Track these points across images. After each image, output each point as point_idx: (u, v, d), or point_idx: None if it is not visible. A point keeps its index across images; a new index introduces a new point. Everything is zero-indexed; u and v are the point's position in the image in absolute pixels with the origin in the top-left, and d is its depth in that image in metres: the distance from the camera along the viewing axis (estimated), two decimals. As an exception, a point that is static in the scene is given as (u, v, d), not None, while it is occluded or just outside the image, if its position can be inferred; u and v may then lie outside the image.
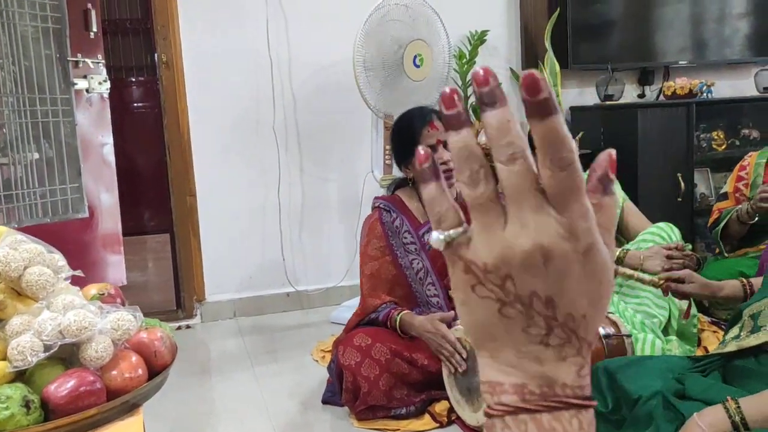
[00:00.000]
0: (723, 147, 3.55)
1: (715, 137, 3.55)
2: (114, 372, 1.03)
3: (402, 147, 2.16)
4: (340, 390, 2.07)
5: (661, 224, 2.48)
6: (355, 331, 2.07)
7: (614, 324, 1.91)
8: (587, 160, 2.76)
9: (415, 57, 2.87)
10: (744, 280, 1.76)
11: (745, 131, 3.60)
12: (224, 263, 3.27)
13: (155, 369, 1.08)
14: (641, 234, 2.48)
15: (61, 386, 0.97)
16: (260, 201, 3.28)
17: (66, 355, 1.04)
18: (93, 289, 1.23)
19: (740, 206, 2.66)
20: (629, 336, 1.91)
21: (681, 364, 1.58)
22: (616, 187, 2.71)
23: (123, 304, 1.20)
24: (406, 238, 2.15)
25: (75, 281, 1.19)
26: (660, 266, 2.29)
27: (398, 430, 1.96)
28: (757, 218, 2.57)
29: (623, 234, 2.70)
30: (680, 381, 1.46)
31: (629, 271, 1.92)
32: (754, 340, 1.41)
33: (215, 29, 3.15)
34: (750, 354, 1.43)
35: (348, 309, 3.00)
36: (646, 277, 1.85)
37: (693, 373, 1.48)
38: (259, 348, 2.87)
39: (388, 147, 2.97)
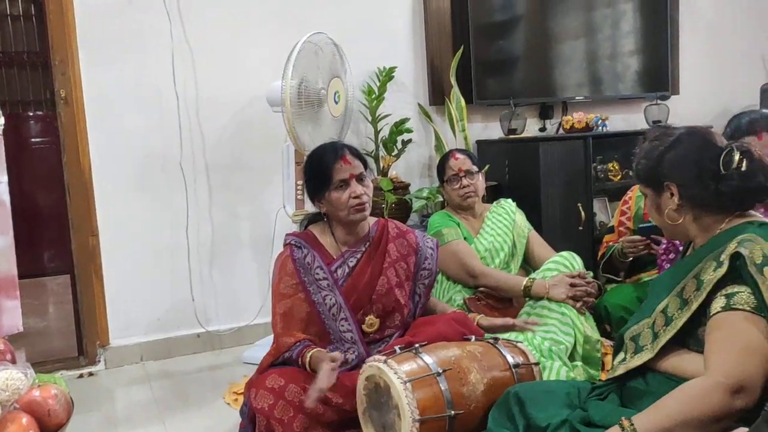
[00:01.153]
0: (618, 177, 3.76)
1: (611, 168, 3.76)
2: (1, 436, 0.96)
3: (315, 181, 2.16)
4: (254, 434, 2.00)
5: (564, 253, 2.58)
6: (268, 372, 2.02)
7: (523, 353, 1.96)
8: (494, 192, 2.86)
9: (335, 93, 2.90)
10: None
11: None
12: (130, 305, 3.14)
13: (49, 429, 1.02)
14: (545, 263, 2.57)
15: (-60, 455, 0.90)
16: (168, 239, 3.18)
17: (-54, 421, 0.97)
18: (-21, 345, 1.15)
19: (618, 244, 2.81)
20: (537, 364, 1.96)
21: (587, 387, 1.65)
22: (522, 218, 2.83)
23: (13, 360, 1.13)
24: (318, 273, 2.14)
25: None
26: (564, 294, 2.39)
27: (314, 471, 1.91)
28: (630, 258, 2.69)
29: (529, 263, 2.80)
30: (584, 408, 1.52)
31: None
32: (638, 360, 1.48)
33: (117, 64, 3.06)
34: (639, 375, 1.50)
35: (262, 348, 2.94)
36: None
37: (594, 400, 1.54)
38: (168, 393, 2.75)
39: (299, 182, 2.96)
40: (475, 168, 2.76)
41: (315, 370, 1.97)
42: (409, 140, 3.50)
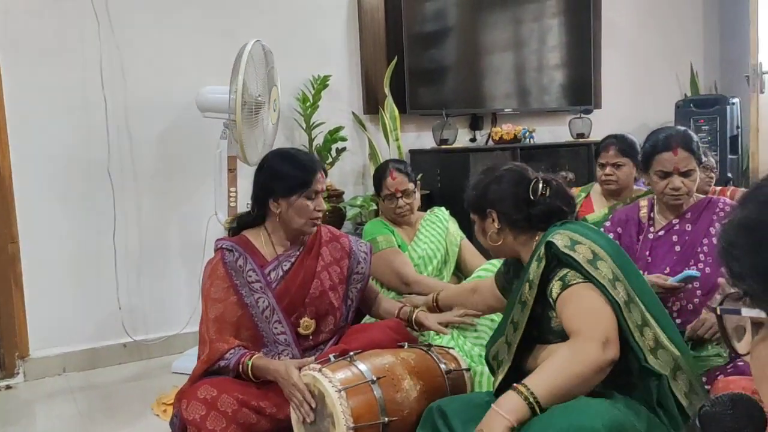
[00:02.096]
0: (545, 187, 3.89)
1: (538, 179, 3.89)
2: None
3: (287, 183, 2.12)
4: (184, 446, 1.97)
5: (495, 261, 2.66)
6: (200, 382, 1.99)
7: (455, 359, 2.01)
8: (426, 201, 2.92)
9: (274, 101, 2.90)
10: None
11: (563, 173, 3.97)
12: (52, 314, 3.02)
13: (-28, 447, 0.98)
14: (476, 271, 2.64)
15: None
16: (94, 246, 3.08)
17: None
18: None
19: None
20: (468, 370, 2.01)
21: None
22: (454, 226, 2.90)
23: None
24: (250, 276, 2.13)
25: None
26: None
27: (246, 482, 1.90)
28: None
29: (461, 271, 2.86)
30: None
31: None
32: (501, 373, 1.65)
33: (41, 65, 2.96)
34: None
35: (192, 357, 2.87)
36: None
37: None
38: (94, 406, 2.66)
39: (233, 189, 2.93)
40: (411, 186, 2.77)
41: (258, 377, 1.96)
42: (344, 148, 3.52)
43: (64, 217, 3.02)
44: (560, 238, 1.56)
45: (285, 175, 2.15)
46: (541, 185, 1.69)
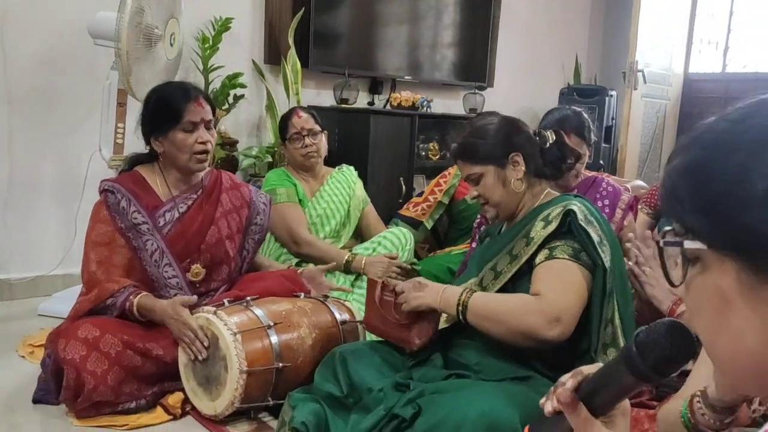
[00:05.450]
0: (437, 157, 3.98)
1: (431, 148, 3.97)
2: None
3: (159, 118, 2.03)
4: (57, 387, 1.86)
5: (403, 230, 2.70)
6: (80, 321, 1.88)
7: (349, 311, 2.05)
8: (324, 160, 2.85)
9: (171, 35, 2.71)
10: None
11: (454, 145, 4.08)
12: None
13: None
14: (382, 234, 2.68)
15: None
16: (-46, 173, 2.79)
17: None
18: None
19: None
20: (362, 322, 2.05)
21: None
22: (361, 190, 2.89)
23: None
24: (136, 218, 2.02)
25: None
26: (380, 274, 2.48)
27: (126, 425, 1.82)
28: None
29: (362, 235, 2.87)
30: (407, 371, 1.60)
31: None
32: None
33: None
34: (462, 330, 1.62)
35: (60, 300, 2.71)
36: None
37: (417, 368, 1.60)
38: (-52, 346, 2.43)
39: (120, 125, 2.75)
40: (318, 127, 2.76)
41: (144, 315, 1.88)
42: (242, 96, 3.39)
43: None
44: (579, 211, 1.53)
45: (156, 111, 2.06)
46: (548, 133, 1.68)
